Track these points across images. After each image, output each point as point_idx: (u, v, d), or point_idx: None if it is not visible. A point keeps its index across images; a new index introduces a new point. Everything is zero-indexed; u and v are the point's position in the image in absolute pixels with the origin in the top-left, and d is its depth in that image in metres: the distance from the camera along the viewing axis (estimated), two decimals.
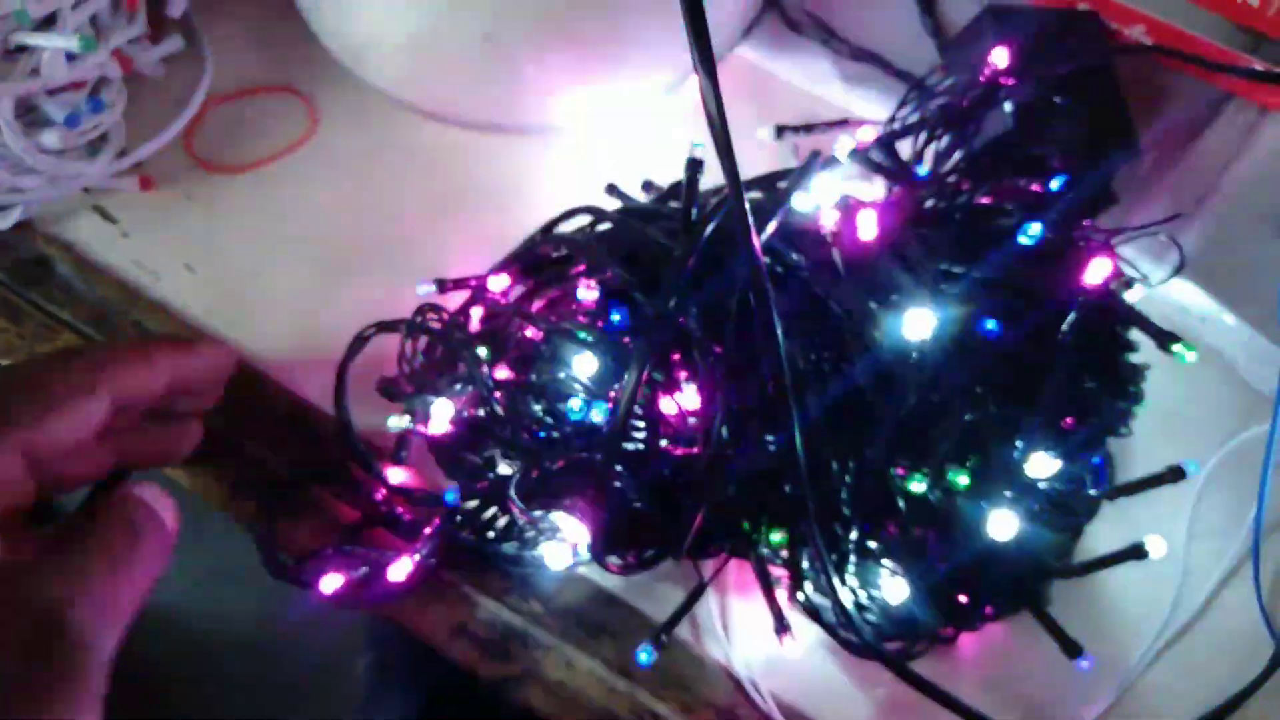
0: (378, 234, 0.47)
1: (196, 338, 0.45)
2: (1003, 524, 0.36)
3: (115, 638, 0.30)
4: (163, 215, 0.47)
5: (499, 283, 0.41)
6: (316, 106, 0.50)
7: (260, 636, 0.75)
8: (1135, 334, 0.41)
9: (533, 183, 0.48)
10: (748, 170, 0.42)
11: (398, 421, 0.41)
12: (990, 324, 0.37)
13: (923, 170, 0.42)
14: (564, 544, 0.39)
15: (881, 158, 0.42)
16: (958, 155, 0.42)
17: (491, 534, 0.41)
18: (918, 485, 0.37)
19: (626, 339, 0.38)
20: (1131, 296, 0.40)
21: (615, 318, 0.38)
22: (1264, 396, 0.43)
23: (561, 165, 0.49)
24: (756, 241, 0.30)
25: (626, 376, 0.35)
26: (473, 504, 0.40)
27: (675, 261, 0.36)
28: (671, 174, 0.42)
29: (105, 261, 0.46)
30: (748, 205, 0.30)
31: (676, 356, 0.37)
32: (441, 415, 0.39)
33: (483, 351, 0.40)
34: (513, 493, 0.38)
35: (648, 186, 0.44)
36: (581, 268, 0.40)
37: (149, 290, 0.46)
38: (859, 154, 0.41)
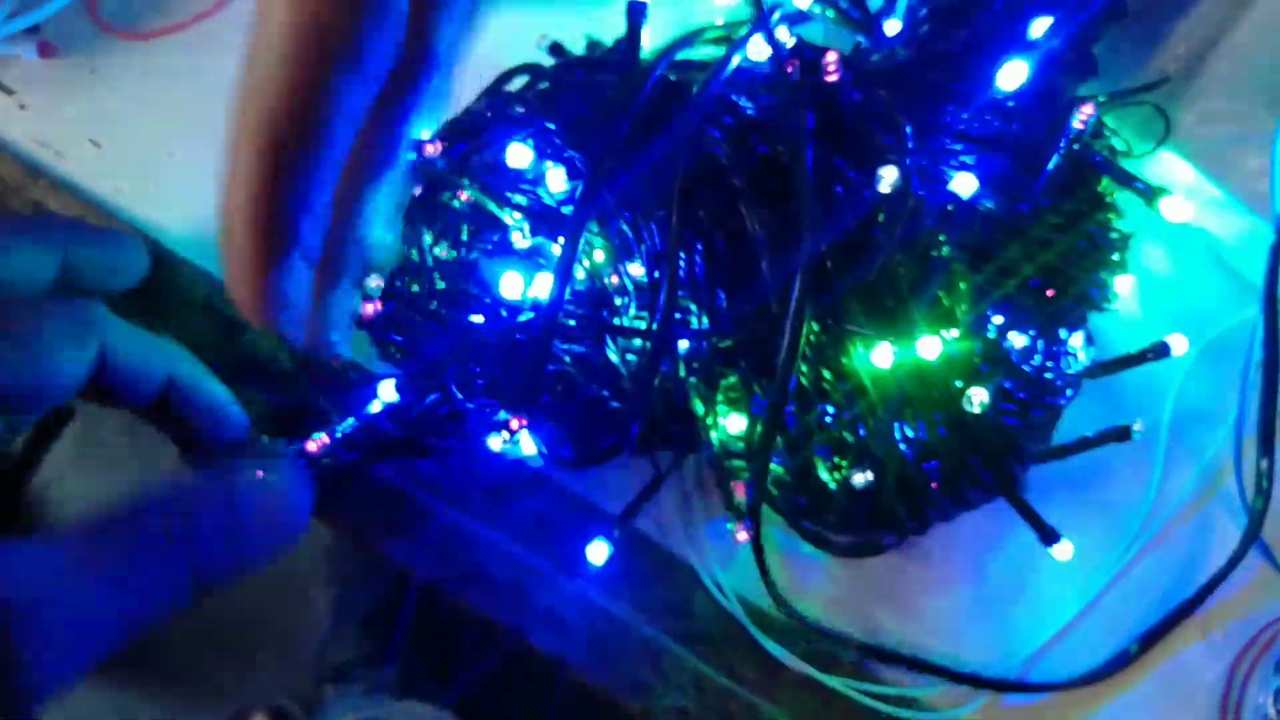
0: None
1: (105, 223, 0.41)
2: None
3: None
4: (65, 86, 0.43)
5: (432, 150, 0.38)
6: None
7: None
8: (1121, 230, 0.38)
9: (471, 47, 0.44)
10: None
11: None
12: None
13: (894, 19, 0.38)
14: (507, 434, 0.36)
15: (847, 6, 0.38)
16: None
17: (432, 424, 0.38)
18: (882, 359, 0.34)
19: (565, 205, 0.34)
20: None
21: (555, 182, 0.34)
22: (1252, 283, 0.41)
23: (499, 27, 0.45)
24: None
25: (562, 241, 0.32)
26: (411, 393, 0.37)
27: (615, 110, 0.32)
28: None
29: (1, 137, 0.42)
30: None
31: (622, 226, 0.34)
32: (373, 290, 0.36)
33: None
34: (452, 386, 0.35)
35: (593, 47, 0.40)
36: (518, 129, 0.36)
37: (50, 168, 0.42)
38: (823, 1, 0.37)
